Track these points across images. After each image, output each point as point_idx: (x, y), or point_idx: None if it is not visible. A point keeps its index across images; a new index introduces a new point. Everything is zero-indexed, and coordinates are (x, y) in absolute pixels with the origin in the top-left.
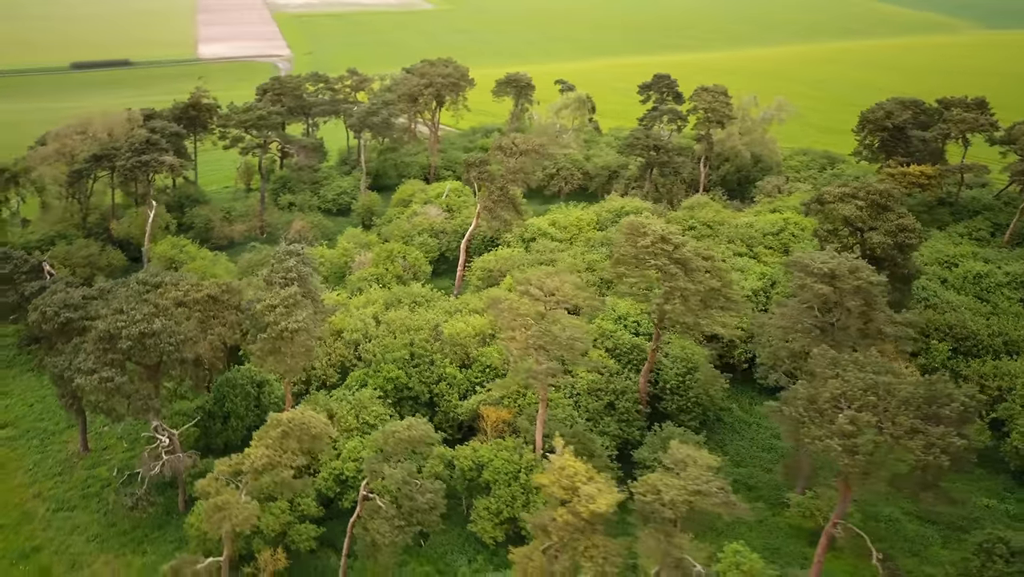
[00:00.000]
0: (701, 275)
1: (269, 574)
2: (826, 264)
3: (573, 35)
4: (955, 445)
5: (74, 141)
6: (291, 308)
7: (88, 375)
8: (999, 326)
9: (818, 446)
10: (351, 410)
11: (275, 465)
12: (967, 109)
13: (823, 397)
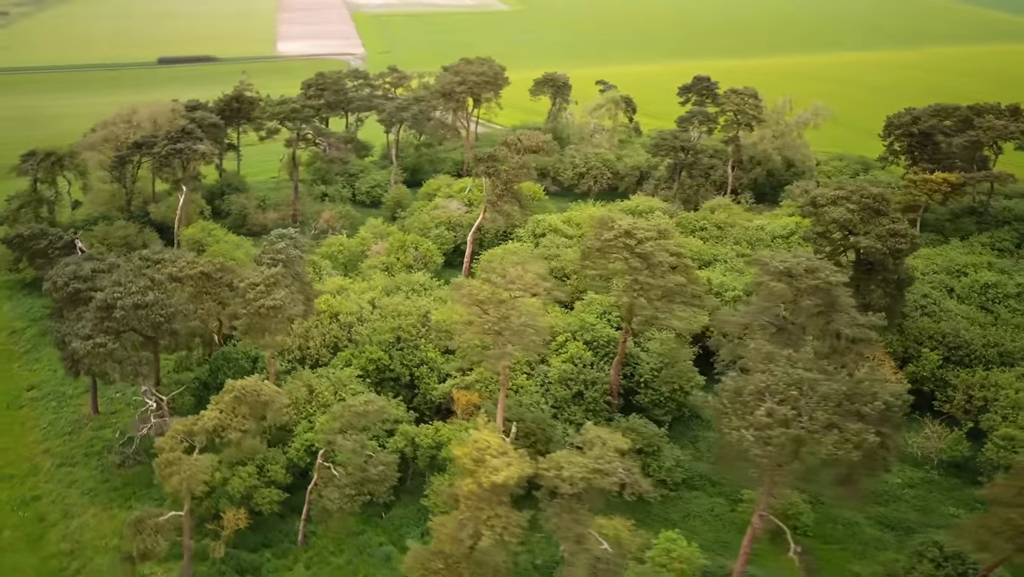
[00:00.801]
0: (664, 270)
1: (231, 532)
2: (784, 262)
3: (649, 37)
4: (868, 442)
5: (119, 129)
6: (271, 287)
7: (84, 340)
8: (996, 337)
9: (734, 436)
10: (330, 387)
11: (225, 427)
12: (999, 116)
13: (747, 390)
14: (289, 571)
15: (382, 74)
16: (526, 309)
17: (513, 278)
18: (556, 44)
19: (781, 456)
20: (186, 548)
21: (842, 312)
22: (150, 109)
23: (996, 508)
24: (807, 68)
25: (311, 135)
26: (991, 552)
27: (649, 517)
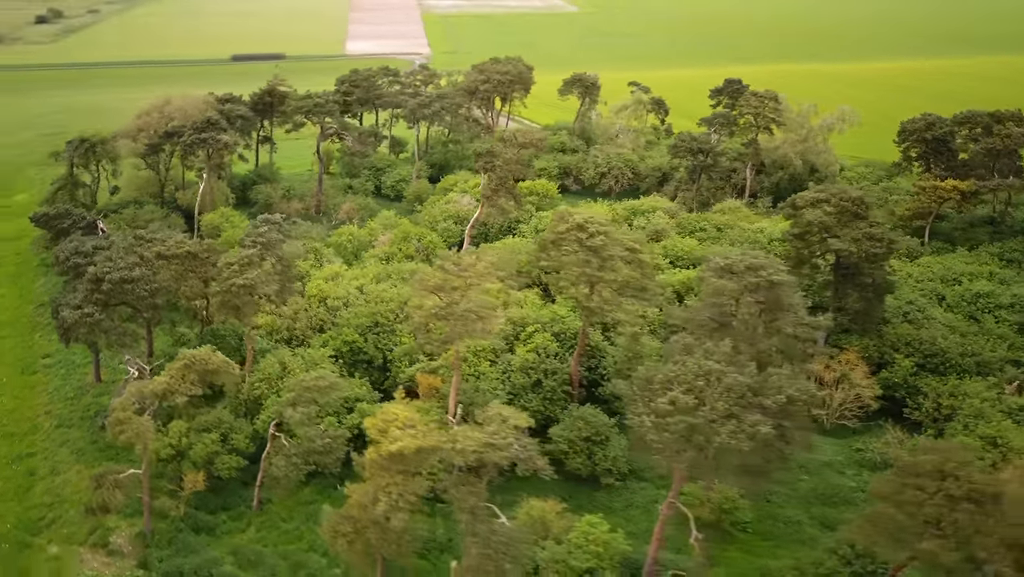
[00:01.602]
0: (615, 263)
1: (189, 493)
2: (726, 259)
3: (718, 41)
4: (761, 433)
5: (152, 119)
6: (244, 267)
7: (73, 309)
8: (976, 346)
9: (635, 421)
10: (303, 365)
11: (173, 391)
12: (1019, 123)
13: (657, 379)
14: (242, 533)
15: (413, 72)
16: (475, 296)
17: (465, 266)
18: (617, 46)
19: (678, 443)
20: (145, 504)
21: (788, 311)
22: (183, 101)
23: (879, 504)
24: (871, 74)
25: (335, 129)
26: (879, 547)
27: (591, 504)
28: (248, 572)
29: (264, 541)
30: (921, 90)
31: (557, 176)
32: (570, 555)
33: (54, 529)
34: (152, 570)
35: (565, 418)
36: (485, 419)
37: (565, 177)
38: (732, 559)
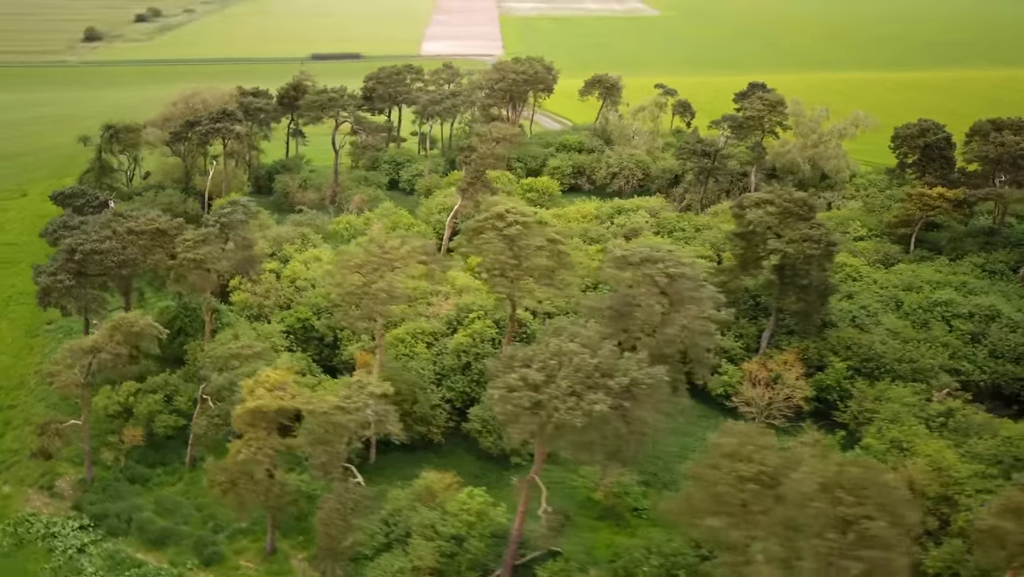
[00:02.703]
0: (530, 252)
1: (128, 446)
2: (624, 250)
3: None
4: (596, 410)
5: (179, 109)
6: (198, 244)
7: (49, 276)
8: (915, 353)
9: (487, 393)
10: (257, 338)
11: (100, 349)
12: (1016, 132)
13: (518, 357)
14: (171, 486)
15: (437, 71)
16: (392, 278)
17: (387, 249)
18: (696, 51)
19: (522, 415)
20: (86, 454)
21: (692, 304)
22: (209, 93)
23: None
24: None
25: (350, 123)
26: (680, 524)
27: (499, 482)
28: (164, 518)
29: (188, 494)
30: (978, 95)
31: (570, 175)
32: (440, 521)
33: (12, 472)
34: (83, 512)
35: (483, 399)
36: (345, 384)
37: (578, 176)
38: (601, 538)
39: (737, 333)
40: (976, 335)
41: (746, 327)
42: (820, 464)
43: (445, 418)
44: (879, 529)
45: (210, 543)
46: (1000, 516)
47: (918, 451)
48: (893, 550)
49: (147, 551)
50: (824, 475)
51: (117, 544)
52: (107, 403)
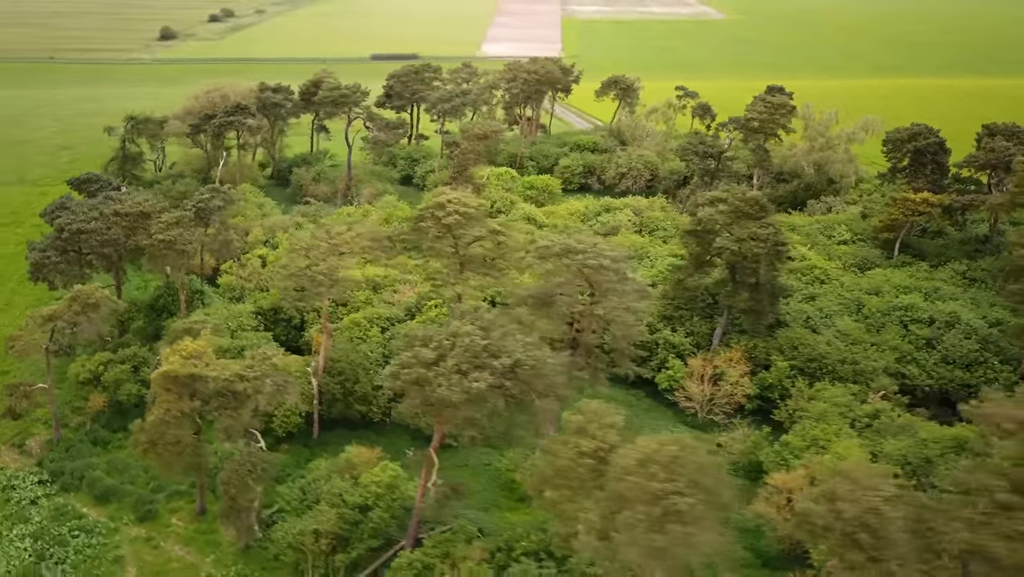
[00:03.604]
0: (467, 242)
1: (93, 410)
2: (550, 241)
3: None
4: (475, 389)
5: (200, 103)
6: (171, 226)
7: (39, 252)
8: (859, 355)
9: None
10: (227, 317)
11: (58, 317)
12: (1008, 138)
13: (418, 337)
14: (128, 449)
15: (456, 70)
16: (335, 263)
17: (334, 234)
18: (757, 55)
19: (408, 391)
20: (54, 416)
21: (615, 295)
22: (230, 88)
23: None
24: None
25: (362, 119)
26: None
27: None
28: (113, 477)
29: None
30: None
31: (580, 174)
32: (348, 491)
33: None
34: (44, 468)
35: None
36: (249, 355)
37: (589, 176)
38: (517, 517)
39: (689, 330)
40: (930, 340)
41: (698, 324)
42: (645, 441)
43: (387, 399)
44: (686, 505)
45: (148, 502)
46: (815, 500)
47: (831, 449)
48: (699, 526)
49: (92, 506)
50: (643, 451)
51: (67, 499)
52: (80, 371)
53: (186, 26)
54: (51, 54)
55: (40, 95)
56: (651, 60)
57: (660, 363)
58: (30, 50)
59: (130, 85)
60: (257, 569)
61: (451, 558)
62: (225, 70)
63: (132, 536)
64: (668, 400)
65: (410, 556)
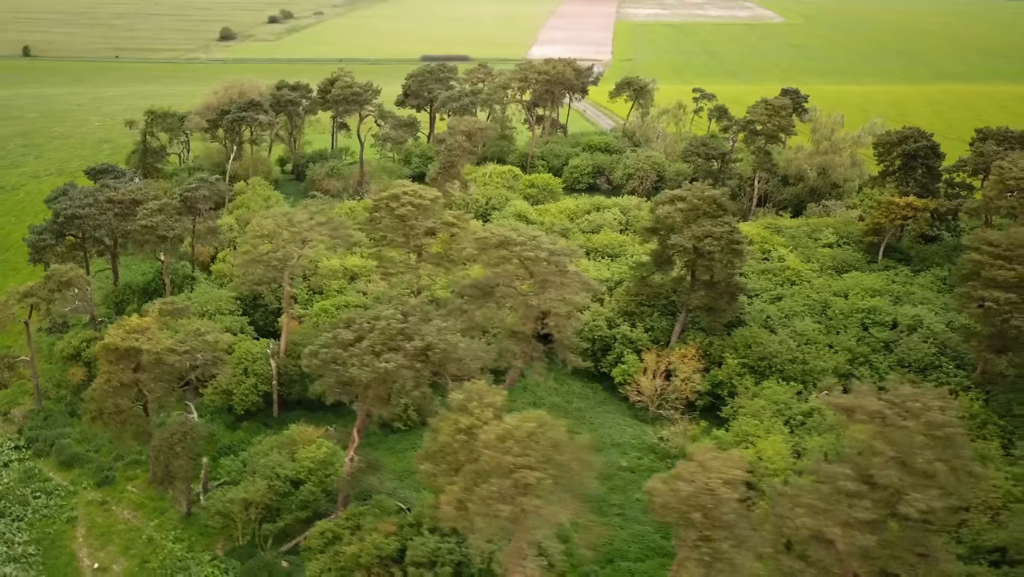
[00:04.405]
0: (419, 232)
1: (73, 384)
2: (490, 233)
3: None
4: (381, 368)
5: (217, 99)
6: (154, 212)
7: (36, 235)
8: (810, 355)
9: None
10: (207, 301)
11: (33, 294)
12: (1000, 143)
13: (342, 320)
14: None
15: (472, 70)
16: (290, 250)
17: (295, 222)
18: (811, 59)
19: (323, 370)
20: (35, 387)
21: (554, 288)
22: (249, 85)
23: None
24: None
25: (373, 116)
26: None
27: (380, 444)
28: (80, 445)
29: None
30: None
31: (590, 174)
32: (281, 465)
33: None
34: (23, 435)
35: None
36: (187, 331)
37: (598, 176)
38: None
39: (649, 326)
40: (888, 343)
41: (659, 320)
42: (510, 418)
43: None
44: (534, 478)
45: (108, 469)
46: (664, 480)
47: (758, 444)
48: (548, 500)
49: (57, 470)
50: (505, 428)
51: (36, 463)
52: (65, 347)
53: (245, 27)
54: (116, 53)
55: (94, 92)
56: (699, 64)
57: (617, 357)
58: (97, 50)
59: (182, 83)
60: (195, 534)
61: (361, 530)
62: (277, 70)
63: (88, 499)
64: (623, 394)
65: (323, 526)
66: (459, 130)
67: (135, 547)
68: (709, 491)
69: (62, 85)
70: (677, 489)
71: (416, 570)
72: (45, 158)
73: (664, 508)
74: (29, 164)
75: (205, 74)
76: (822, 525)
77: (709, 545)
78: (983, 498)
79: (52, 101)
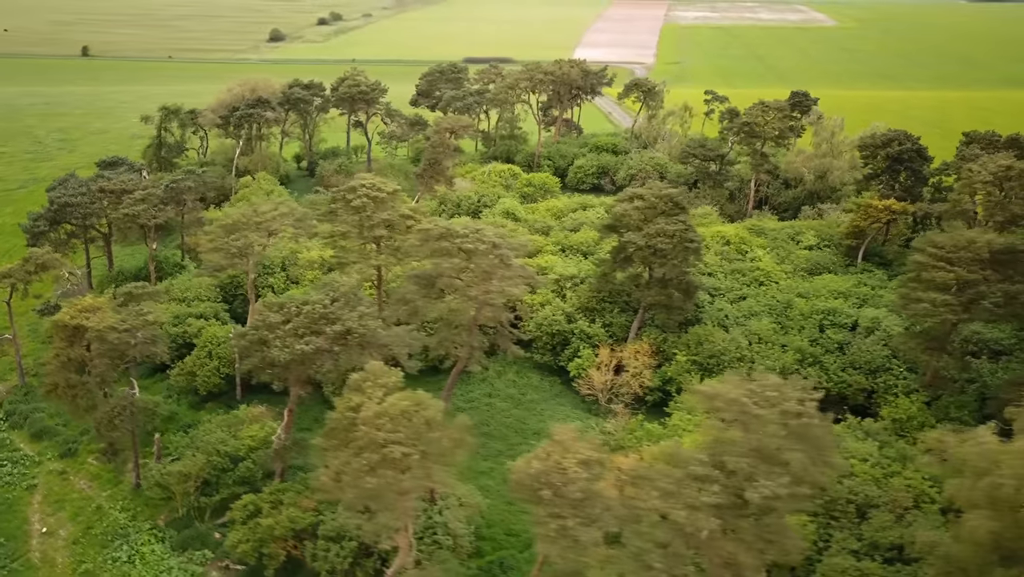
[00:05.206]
0: (374, 224)
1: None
2: (436, 227)
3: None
4: (299, 349)
5: (230, 96)
6: (138, 201)
7: (32, 221)
8: (761, 355)
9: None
10: (187, 289)
11: (10, 275)
12: (984, 147)
13: (274, 304)
14: None
15: (483, 71)
16: (255, 237)
17: (259, 212)
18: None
19: (249, 350)
20: (18, 363)
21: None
22: (263, 83)
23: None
24: None
25: (380, 115)
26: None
27: None
28: (51, 420)
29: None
30: None
31: (594, 175)
32: (222, 443)
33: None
34: (2, 408)
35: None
36: (124, 310)
37: (602, 176)
38: None
39: (608, 321)
40: (842, 345)
41: (618, 317)
42: (392, 397)
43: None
44: (400, 453)
45: (73, 442)
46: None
47: (686, 437)
48: (408, 473)
49: (28, 442)
50: (382, 406)
51: (10, 434)
52: (48, 327)
53: (296, 29)
54: (169, 54)
55: (141, 90)
56: (746, 68)
57: (574, 352)
58: (152, 50)
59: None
60: (141, 505)
61: (282, 505)
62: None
63: (49, 469)
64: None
65: (247, 499)
66: (442, 128)
67: (84, 514)
68: (560, 470)
69: (113, 83)
70: (530, 467)
71: (324, 543)
72: (79, 152)
73: (517, 485)
74: (63, 158)
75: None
76: (670, 508)
77: (556, 521)
78: (891, 496)
79: (99, 99)
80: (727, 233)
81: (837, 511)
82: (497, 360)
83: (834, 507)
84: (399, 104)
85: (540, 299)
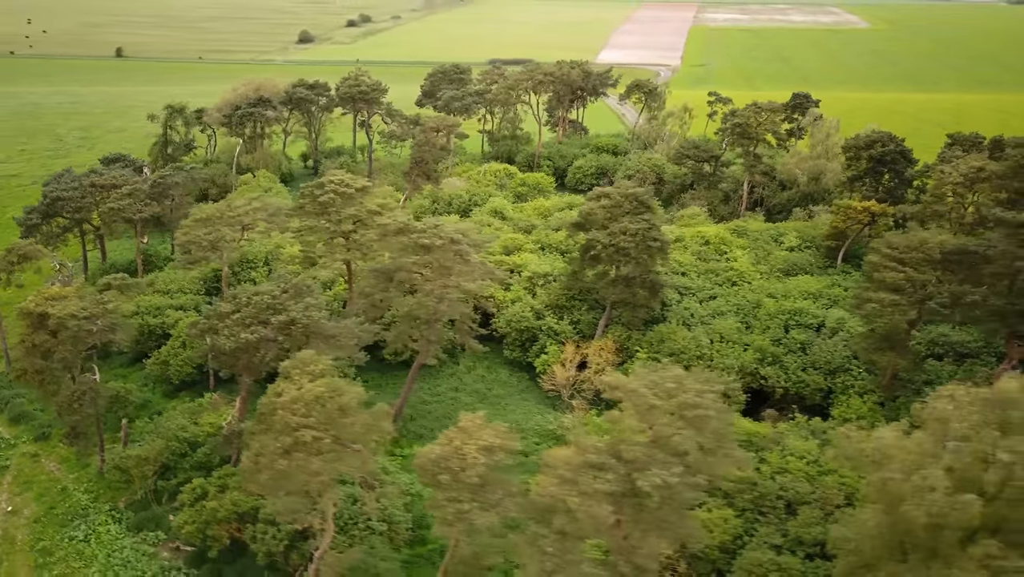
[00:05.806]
0: (342, 218)
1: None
2: (395, 223)
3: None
4: (243, 338)
5: (235, 95)
6: (124, 196)
7: (27, 215)
8: (721, 353)
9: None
10: (171, 281)
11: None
12: (967, 148)
13: (229, 296)
14: None
15: (486, 71)
16: (227, 231)
17: (233, 207)
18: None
19: (199, 339)
20: (4, 351)
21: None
22: (268, 83)
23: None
24: None
25: (380, 114)
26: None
27: None
28: (31, 405)
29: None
30: None
31: (593, 175)
32: (183, 429)
33: None
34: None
35: None
36: (84, 299)
37: (601, 177)
38: None
39: (576, 319)
40: (805, 345)
41: (586, 314)
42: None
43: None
44: (310, 436)
45: (47, 426)
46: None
47: None
48: (320, 457)
49: (6, 426)
50: (298, 392)
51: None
52: None
53: (325, 30)
54: (199, 55)
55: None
56: (771, 70)
57: (541, 348)
58: (183, 51)
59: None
60: (104, 488)
61: (228, 489)
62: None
63: (23, 452)
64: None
65: (196, 483)
66: (429, 127)
67: (49, 495)
68: (460, 455)
69: (141, 83)
70: (431, 452)
71: (263, 526)
72: (96, 150)
73: (420, 469)
74: (81, 155)
75: (277, 74)
76: (566, 494)
77: (454, 505)
78: (822, 494)
79: (124, 98)
80: (707, 233)
81: (766, 506)
82: (467, 356)
83: (763, 502)
84: (407, 104)
85: (512, 296)
